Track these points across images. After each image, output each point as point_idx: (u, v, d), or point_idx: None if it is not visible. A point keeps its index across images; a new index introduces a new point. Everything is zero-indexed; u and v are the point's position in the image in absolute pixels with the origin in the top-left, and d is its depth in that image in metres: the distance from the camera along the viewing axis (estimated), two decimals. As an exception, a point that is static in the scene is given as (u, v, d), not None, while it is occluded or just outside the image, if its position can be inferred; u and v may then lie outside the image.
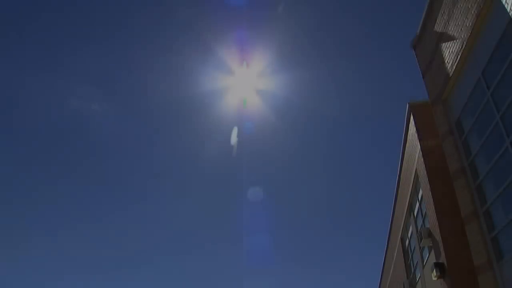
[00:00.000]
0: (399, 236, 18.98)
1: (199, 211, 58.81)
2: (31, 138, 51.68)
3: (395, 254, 20.88)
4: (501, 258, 8.44)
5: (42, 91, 46.76)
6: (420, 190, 14.13)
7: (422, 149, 13.09)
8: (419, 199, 14.69)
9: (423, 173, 13.07)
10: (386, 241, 23.90)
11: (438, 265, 11.50)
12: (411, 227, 16.69)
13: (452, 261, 11.03)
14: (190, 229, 60.54)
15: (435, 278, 11.71)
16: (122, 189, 57.95)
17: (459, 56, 9.67)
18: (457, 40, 9.74)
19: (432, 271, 11.66)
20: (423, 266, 14.57)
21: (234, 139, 40.53)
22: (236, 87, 38.39)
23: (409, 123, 14.79)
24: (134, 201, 58.46)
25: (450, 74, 10.28)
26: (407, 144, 15.68)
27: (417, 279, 16.01)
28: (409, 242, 17.54)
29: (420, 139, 13.31)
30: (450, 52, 10.23)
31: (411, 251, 17.30)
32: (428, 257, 13.68)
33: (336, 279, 57.93)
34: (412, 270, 17.26)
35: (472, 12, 8.79)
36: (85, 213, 58.70)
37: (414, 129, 13.86)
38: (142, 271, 59.79)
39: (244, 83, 37.25)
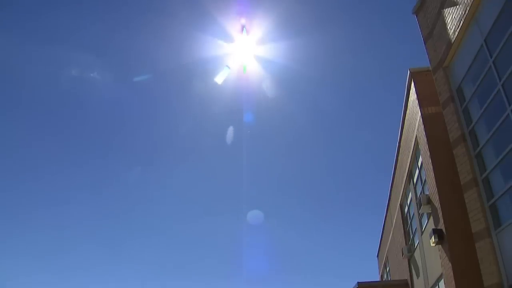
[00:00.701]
0: (399, 203, 19.15)
1: (198, 174, 59.29)
2: (31, 107, 51.55)
3: (394, 221, 21.12)
4: (499, 226, 8.51)
5: (41, 60, 46.39)
6: (420, 157, 14.16)
7: (422, 116, 13.05)
8: (419, 166, 14.74)
9: (423, 140, 13.06)
10: (386, 208, 24.13)
11: (436, 232, 11.64)
12: (410, 193, 16.81)
13: (450, 228, 11.16)
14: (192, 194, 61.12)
15: (433, 244, 11.87)
16: (122, 157, 58.16)
17: (461, 22, 9.49)
18: (460, 6, 9.54)
19: (431, 237, 11.80)
20: (422, 233, 14.75)
21: (230, 138, 40.97)
22: (236, 54, 38.00)
23: (409, 90, 14.69)
24: (135, 169, 58.74)
25: (452, 41, 10.12)
26: (407, 111, 15.62)
27: (416, 245, 16.24)
28: (408, 208, 17.71)
29: (420, 106, 13.24)
30: (452, 18, 10.03)
31: (410, 218, 17.49)
32: (427, 223, 13.83)
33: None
34: (411, 237, 17.49)
35: (476, -24, 8.58)
36: (86, 182, 59.15)
37: (415, 96, 13.77)
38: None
39: (244, 50, 36.83)
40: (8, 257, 50.30)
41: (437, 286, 13.05)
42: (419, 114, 13.23)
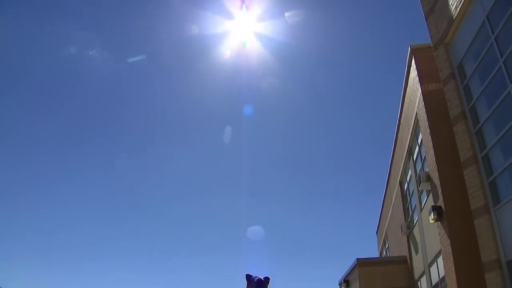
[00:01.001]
0: (398, 180, 19.22)
1: (198, 154, 59.37)
2: (30, 85, 51.28)
3: (393, 198, 21.23)
4: (498, 202, 8.56)
5: (40, 37, 45.96)
6: (420, 134, 14.15)
7: (423, 93, 12.99)
8: (419, 143, 14.74)
9: (423, 117, 13.03)
10: (385, 186, 24.21)
11: (435, 208, 11.70)
12: (410, 171, 16.86)
13: (449, 205, 11.22)
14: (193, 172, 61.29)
15: (432, 221, 11.95)
16: (120, 137, 58.13)
17: (463, -2, 9.37)
18: (462, -19, 9.40)
19: (430, 214, 11.87)
20: (421, 210, 14.84)
21: (228, 137, 41.07)
22: (236, 31, 37.80)
23: (410, 66, 14.59)
24: (134, 148, 58.82)
25: (454, 17, 9.99)
26: (407, 88, 15.55)
27: (415, 222, 16.36)
28: (408, 185, 17.78)
29: (421, 83, 13.17)
30: (454, -6, 9.90)
31: (409, 195, 17.58)
32: (426, 200, 13.91)
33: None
34: (410, 214, 17.61)
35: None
36: (86, 161, 59.19)
37: (416, 72, 13.69)
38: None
39: (244, 27, 36.64)
40: (5, 238, 50.79)
41: (436, 263, 13.20)
42: (420, 91, 13.17)
